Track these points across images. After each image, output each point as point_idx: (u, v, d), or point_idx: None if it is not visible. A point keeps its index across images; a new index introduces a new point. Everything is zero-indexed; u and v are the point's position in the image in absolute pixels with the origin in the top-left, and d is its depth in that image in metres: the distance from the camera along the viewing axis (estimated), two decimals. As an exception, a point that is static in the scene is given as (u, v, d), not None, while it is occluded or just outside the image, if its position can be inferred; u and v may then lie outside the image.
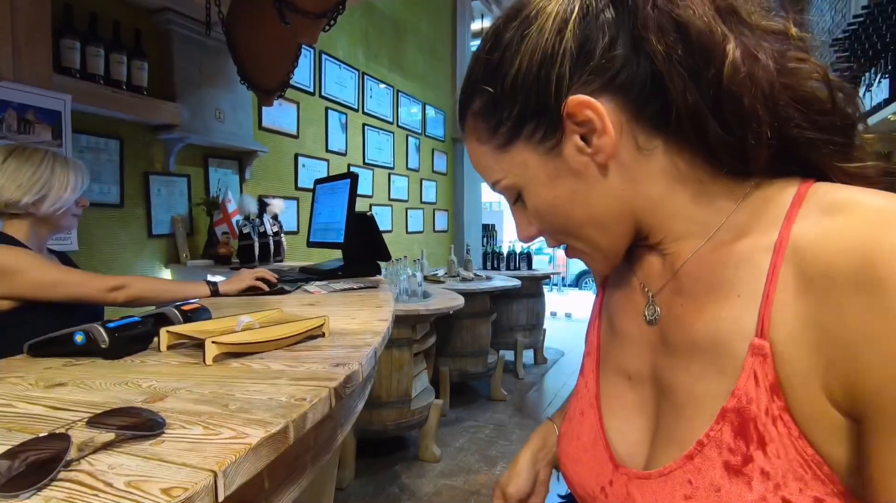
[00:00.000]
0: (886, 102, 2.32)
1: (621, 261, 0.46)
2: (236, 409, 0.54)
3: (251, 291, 1.43)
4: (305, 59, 3.21)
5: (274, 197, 2.79)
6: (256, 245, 2.38)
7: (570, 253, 0.47)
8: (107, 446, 0.45)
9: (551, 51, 0.38)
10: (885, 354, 0.28)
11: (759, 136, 0.35)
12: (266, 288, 1.44)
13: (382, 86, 4.14)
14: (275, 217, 2.57)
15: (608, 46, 0.37)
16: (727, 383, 0.35)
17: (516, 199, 0.45)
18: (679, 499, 0.37)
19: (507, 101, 0.41)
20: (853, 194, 0.33)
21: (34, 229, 1.24)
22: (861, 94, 2.64)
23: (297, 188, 3.26)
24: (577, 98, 0.38)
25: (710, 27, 0.35)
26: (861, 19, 2.77)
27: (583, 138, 0.39)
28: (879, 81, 2.43)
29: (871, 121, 2.43)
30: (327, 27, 1.62)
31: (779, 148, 0.36)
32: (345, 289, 1.49)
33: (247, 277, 1.43)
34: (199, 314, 0.92)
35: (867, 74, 2.61)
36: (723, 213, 0.39)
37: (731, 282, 0.37)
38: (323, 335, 0.88)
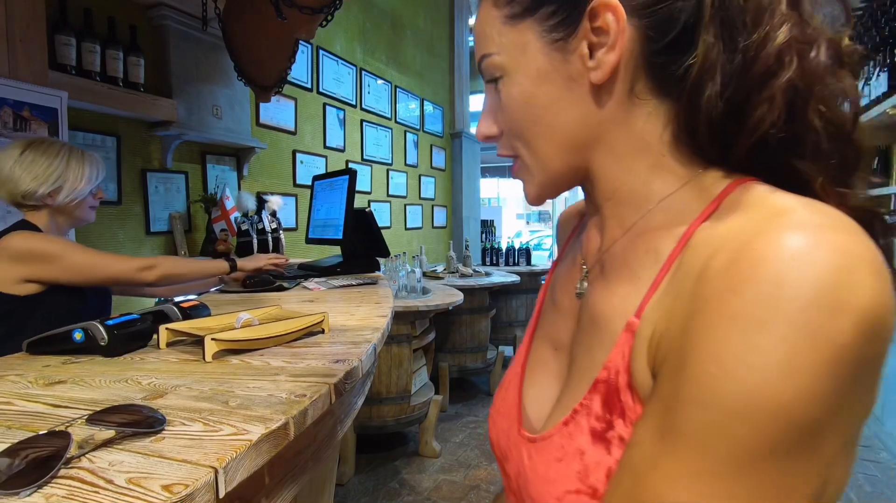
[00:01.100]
0: (885, 96, 2.32)
1: (553, 195, 0.45)
2: (236, 406, 0.54)
3: (261, 281, 1.46)
4: (303, 55, 3.20)
5: (272, 194, 2.78)
6: (255, 242, 2.38)
7: (516, 169, 0.45)
8: (107, 443, 0.45)
9: None
10: (678, 321, 0.30)
11: (758, 123, 0.34)
12: (280, 270, 1.55)
13: (380, 81, 4.13)
14: (273, 214, 2.56)
15: None
16: (604, 356, 0.37)
17: (496, 84, 0.43)
18: (552, 461, 0.39)
19: None
20: (766, 194, 0.32)
21: (53, 220, 1.28)
22: (860, 87, 2.64)
23: (295, 185, 3.25)
24: None
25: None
26: (860, 13, 2.77)
27: (589, 48, 0.38)
28: (878, 75, 2.42)
29: (871, 114, 2.44)
30: (324, 22, 1.61)
31: (761, 147, 0.35)
32: (344, 286, 1.49)
33: (262, 258, 1.53)
34: (199, 311, 0.91)
35: (866, 68, 2.61)
36: (663, 191, 0.39)
37: (638, 265, 0.38)
38: (322, 331, 0.88)
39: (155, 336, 0.82)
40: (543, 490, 0.39)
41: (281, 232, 2.58)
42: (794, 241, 0.26)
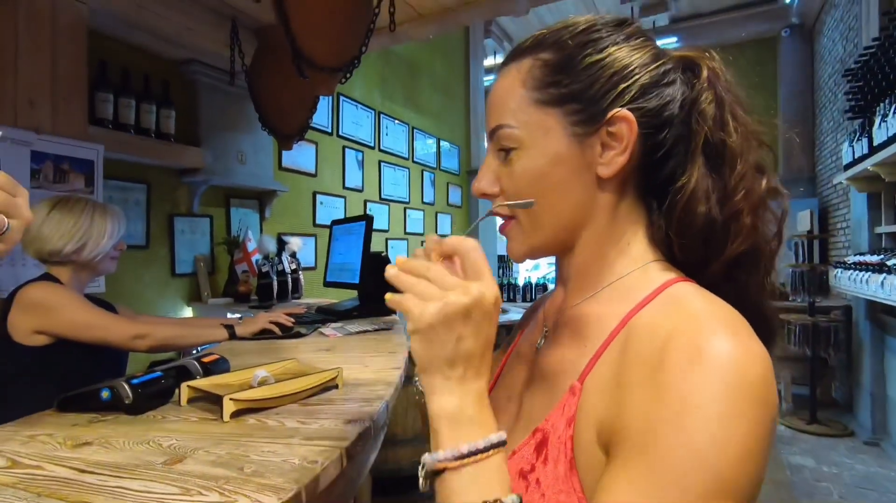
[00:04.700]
0: (902, 134, 2.30)
1: (536, 257, 0.50)
2: (251, 473, 0.56)
3: (266, 335, 1.46)
4: (324, 102, 3.33)
5: (292, 235, 2.86)
6: (275, 283, 2.43)
7: (508, 228, 0.49)
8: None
9: (632, 69, 0.44)
10: (640, 404, 0.36)
11: (735, 246, 0.42)
12: (279, 332, 1.46)
13: (398, 123, 4.26)
14: (293, 255, 2.62)
15: (667, 105, 0.44)
16: (547, 410, 0.44)
17: (505, 152, 0.46)
18: None
19: (575, 73, 0.44)
20: (687, 295, 0.41)
21: (75, 274, 1.32)
22: (877, 124, 2.63)
23: (314, 225, 3.34)
24: (627, 113, 0.43)
25: (745, 166, 0.43)
26: (873, 50, 2.78)
27: (602, 147, 0.44)
28: (894, 113, 2.41)
29: (887, 152, 2.41)
30: (343, 80, 1.70)
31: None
32: (360, 332, 1.51)
33: (261, 320, 1.48)
34: (218, 365, 0.94)
35: (881, 105, 2.60)
36: (620, 272, 0.47)
37: (587, 334, 0.45)
38: (336, 387, 0.90)
39: (176, 391, 0.85)
40: None
41: (300, 273, 2.64)
42: (722, 344, 0.35)
